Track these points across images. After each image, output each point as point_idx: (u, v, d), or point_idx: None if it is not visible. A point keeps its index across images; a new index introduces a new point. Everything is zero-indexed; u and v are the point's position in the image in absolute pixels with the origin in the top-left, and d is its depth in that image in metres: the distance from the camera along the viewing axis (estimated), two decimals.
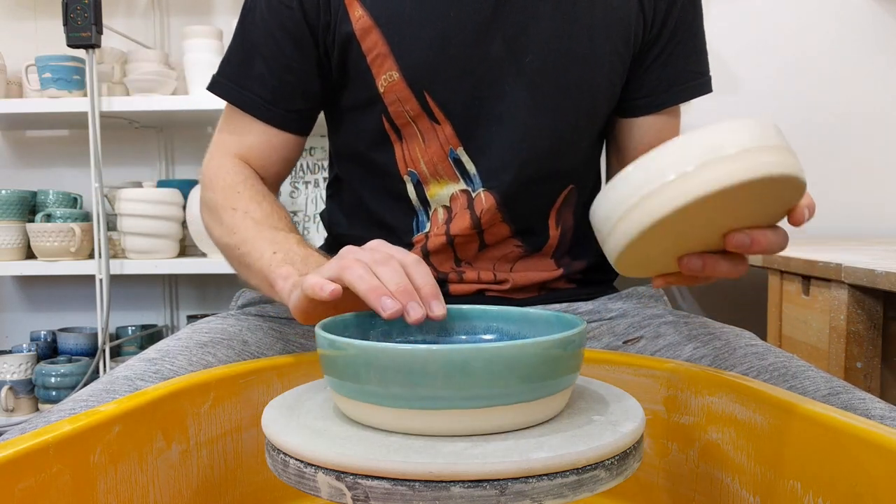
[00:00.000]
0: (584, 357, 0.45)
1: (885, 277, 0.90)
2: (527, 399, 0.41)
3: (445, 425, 0.40)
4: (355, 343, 0.41)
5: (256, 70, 0.77)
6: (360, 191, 0.82)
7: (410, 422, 0.41)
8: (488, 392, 0.40)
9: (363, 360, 0.41)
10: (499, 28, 0.72)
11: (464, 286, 0.78)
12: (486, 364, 0.39)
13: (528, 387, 0.40)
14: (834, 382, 0.55)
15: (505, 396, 0.40)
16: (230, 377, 0.57)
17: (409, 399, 0.40)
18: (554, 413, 0.44)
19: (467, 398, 0.39)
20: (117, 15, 1.86)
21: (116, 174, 1.87)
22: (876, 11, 1.81)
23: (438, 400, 0.40)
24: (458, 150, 0.75)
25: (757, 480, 0.49)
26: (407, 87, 0.73)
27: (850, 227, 1.85)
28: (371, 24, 0.73)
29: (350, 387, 0.42)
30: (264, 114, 0.78)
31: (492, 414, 0.40)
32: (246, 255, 0.69)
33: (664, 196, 0.41)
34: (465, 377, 0.39)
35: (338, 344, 0.42)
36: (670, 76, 0.79)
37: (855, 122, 1.83)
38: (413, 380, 0.39)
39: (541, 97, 0.74)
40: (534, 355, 0.40)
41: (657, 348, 0.69)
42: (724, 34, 1.83)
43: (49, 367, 1.62)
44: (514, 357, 0.40)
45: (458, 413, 0.40)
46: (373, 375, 0.40)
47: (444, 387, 0.39)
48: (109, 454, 0.45)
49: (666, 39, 0.78)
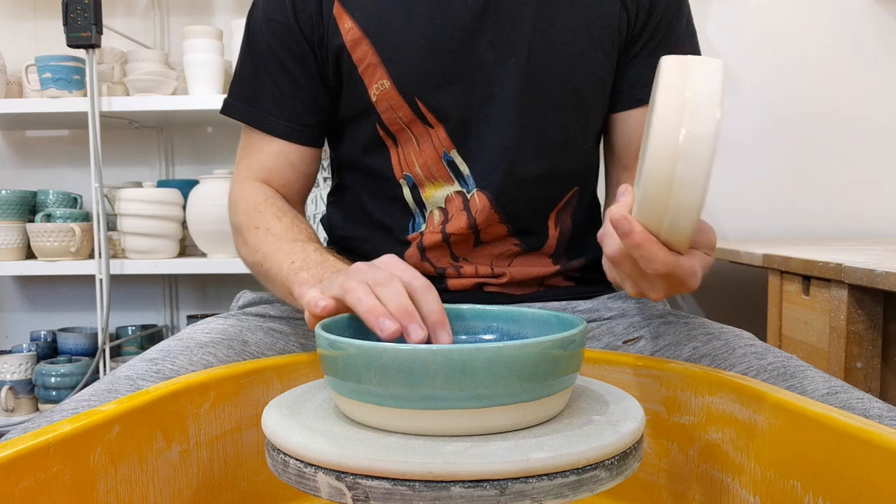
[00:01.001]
0: (584, 357, 0.45)
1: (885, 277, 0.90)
2: (527, 399, 0.41)
3: (446, 425, 0.40)
4: (355, 343, 0.41)
5: (266, 89, 0.80)
6: (360, 195, 0.83)
7: (410, 422, 0.41)
8: (489, 392, 0.40)
9: (363, 360, 0.41)
10: (484, 32, 0.74)
11: (462, 281, 0.78)
12: (487, 364, 0.39)
13: (528, 386, 0.40)
14: (832, 382, 0.55)
15: (506, 396, 0.40)
16: (230, 377, 0.57)
17: (410, 399, 0.40)
18: (554, 413, 0.44)
19: (468, 398, 0.39)
20: (117, 15, 1.86)
21: (116, 174, 1.87)
22: (877, 12, 1.81)
23: (439, 400, 0.40)
24: (452, 152, 0.76)
25: (757, 480, 0.49)
26: (398, 95, 0.75)
27: (850, 227, 1.85)
28: (360, 35, 0.75)
29: (350, 387, 0.42)
30: (279, 131, 0.80)
31: (492, 414, 0.40)
32: (269, 269, 0.71)
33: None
34: (465, 377, 0.39)
35: (338, 344, 0.42)
36: (652, 71, 0.79)
37: (855, 122, 1.83)
38: (414, 380, 0.39)
39: (527, 97, 0.75)
40: (534, 355, 0.40)
41: (657, 348, 0.69)
42: (724, 34, 1.83)
43: (49, 367, 1.62)
44: (514, 357, 0.40)
45: (458, 413, 0.40)
46: (373, 375, 0.40)
47: (444, 387, 0.39)
48: (109, 454, 0.45)
49: (649, 35, 0.78)
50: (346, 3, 0.75)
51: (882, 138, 1.83)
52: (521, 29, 0.74)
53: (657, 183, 0.44)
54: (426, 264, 0.79)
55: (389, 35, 0.74)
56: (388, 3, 0.75)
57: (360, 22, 0.75)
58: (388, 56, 0.74)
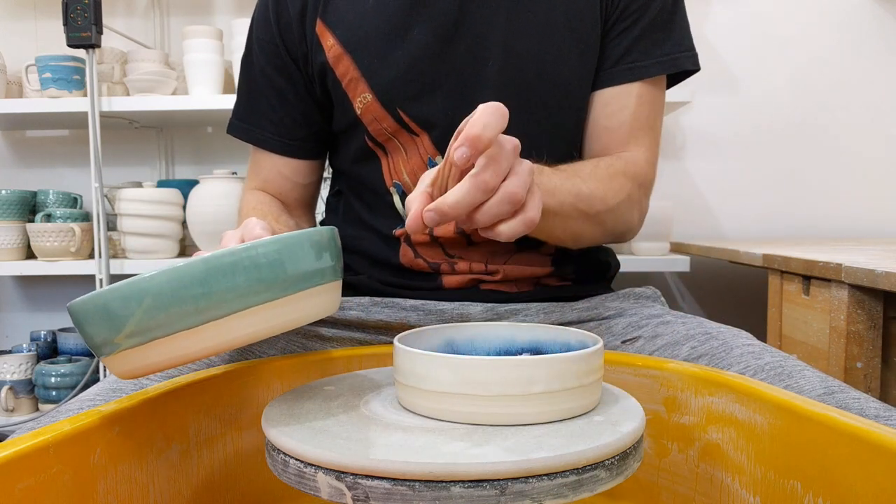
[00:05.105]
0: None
1: (885, 277, 0.90)
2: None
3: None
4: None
5: (261, 107, 0.84)
6: (354, 202, 0.85)
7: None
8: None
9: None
10: (461, 39, 0.75)
11: (457, 277, 0.79)
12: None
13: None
14: (829, 382, 0.56)
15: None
16: (230, 377, 0.57)
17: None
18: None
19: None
20: (117, 15, 1.86)
21: (116, 174, 1.87)
22: (878, 13, 1.81)
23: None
24: (437, 158, 0.77)
25: (757, 480, 0.49)
26: (381, 107, 0.76)
27: (850, 227, 1.85)
28: (342, 51, 0.77)
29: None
30: (270, 144, 0.85)
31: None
32: None
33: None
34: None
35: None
36: (618, 54, 0.79)
37: (855, 123, 1.84)
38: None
39: (507, 99, 0.75)
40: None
41: (655, 348, 0.69)
42: (723, 34, 1.83)
43: (49, 367, 1.62)
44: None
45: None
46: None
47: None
48: (109, 454, 0.45)
49: (618, 13, 0.78)
50: (328, 20, 0.77)
51: (882, 138, 1.83)
52: (495, 33, 0.75)
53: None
54: (420, 261, 0.79)
55: (369, 49, 0.76)
56: (368, 18, 0.76)
57: (340, 38, 0.77)
58: (369, 70, 0.76)
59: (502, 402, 0.42)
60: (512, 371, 0.42)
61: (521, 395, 0.42)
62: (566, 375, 0.42)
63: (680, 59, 0.79)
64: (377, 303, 0.78)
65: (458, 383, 0.42)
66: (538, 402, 0.42)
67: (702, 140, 1.86)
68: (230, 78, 1.68)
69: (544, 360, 0.42)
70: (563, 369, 0.42)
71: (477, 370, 0.42)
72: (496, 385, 0.42)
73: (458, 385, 0.42)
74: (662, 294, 0.87)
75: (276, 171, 0.86)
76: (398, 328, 0.76)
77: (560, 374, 0.42)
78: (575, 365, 0.43)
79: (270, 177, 0.87)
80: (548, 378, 0.42)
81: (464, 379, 0.42)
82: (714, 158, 1.86)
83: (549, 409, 0.42)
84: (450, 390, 0.42)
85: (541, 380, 0.42)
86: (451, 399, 0.43)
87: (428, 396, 0.44)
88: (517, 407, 0.42)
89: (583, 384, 0.44)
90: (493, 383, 0.42)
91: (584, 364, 0.44)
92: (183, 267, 0.42)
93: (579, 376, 0.43)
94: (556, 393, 0.42)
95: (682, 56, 0.79)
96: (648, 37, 0.78)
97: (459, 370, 0.42)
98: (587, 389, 0.44)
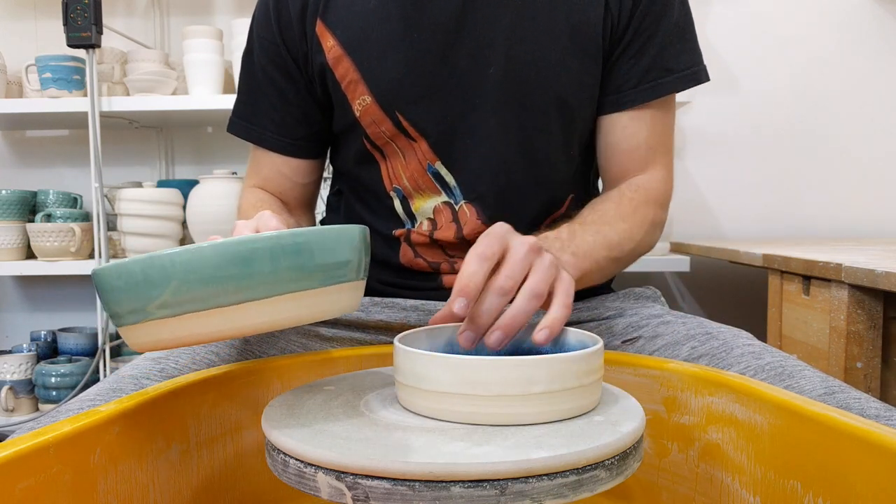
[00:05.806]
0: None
1: (885, 277, 0.90)
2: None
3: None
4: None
5: (261, 106, 0.84)
6: (354, 203, 0.85)
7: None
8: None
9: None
10: (463, 44, 0.74)
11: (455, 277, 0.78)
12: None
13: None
14: (829, 382, 0.55)
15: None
16: (230, 377, 0.57)
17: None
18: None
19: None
20: (117, 15, 1.86)
21: (116, 174, 1.87)
22: (878, 13, 1.81)
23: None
24: (436, 164, 0.77)
25: (757, 480, 0.49)
26: (380, 110, 0.76)
27: (850, 227, 1.85)
28: (342, 52, 0.76)
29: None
30: (270, 143, 0.85)
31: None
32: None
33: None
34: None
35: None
36: (638, 74, 0.77)
37: (855, 123, 1.84)
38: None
39: (507, 106, 0.75)
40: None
41: (655, 348, 0.69)
42: (724, 34, 1.83)
43: (49, 367, 1.62)
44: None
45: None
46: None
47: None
48: (109, 454, 0.45)
49: (632, 33, 0.76)
50: (329, 21, 0.77)
51: (882, 138, 1.83)
52: (498, 39, 0.74)
53: None
54: (420, 261, 0.79)
55: (369, 51, 0.75)
56: (369, 19, 0.75)
57: (340, 39, 0.76)
58: (368, 72, 0.75)
59: (502, 402, 0.42)
60: (512, 371, 0.42)
61: (521, 395, 0.42)
62: (566, 375, 0.42)
63: (699, 72, 0.79)
64: (377, 303, 0.78)
65: (458, 383, 0.42)
66: (538, 402, 0.42)
67: (702, 140, 1.86)
68: (230, 78, 1.68)
69: (544, 360, 0.42)
70: (563, 369, 0.42)
71: (477, 370, 0.42)
72: (496, 385, 0.42)
73: (458, 385, 0.42)
74: (662, 294, 0.86)
75: (275, 170, 0.86)
76: (398, 328, 0.76)
77: (560, 374, 0.42)
78: (575, 365, 0.43)
79: (270, 175, 0.87)
80: (548, 378, 0.42)
81: (464, 379, 0.42)
82: (714, 158, 1.86)
83: (549, 409, 0.42)
84: (450, 390, 0.42)
85: (541, 380, 0.42)
86: (451, 399, 0.43)
87: (428, 396, 0.44)
88: (517, 407, 0.42)
89: (583, 384, 0.44)
90: (493, 383, 0.42)
91: (583, 364, 0.44)
92: (227, 244, 0.41)
93: (579, 376, 0.43)
94: (556, 393, 0.42)
95: (700, 70, 0.79)
96: (668, 51, 0.77)
97: (459, 370, 0.42)
98: (587, 389, 0.44)
